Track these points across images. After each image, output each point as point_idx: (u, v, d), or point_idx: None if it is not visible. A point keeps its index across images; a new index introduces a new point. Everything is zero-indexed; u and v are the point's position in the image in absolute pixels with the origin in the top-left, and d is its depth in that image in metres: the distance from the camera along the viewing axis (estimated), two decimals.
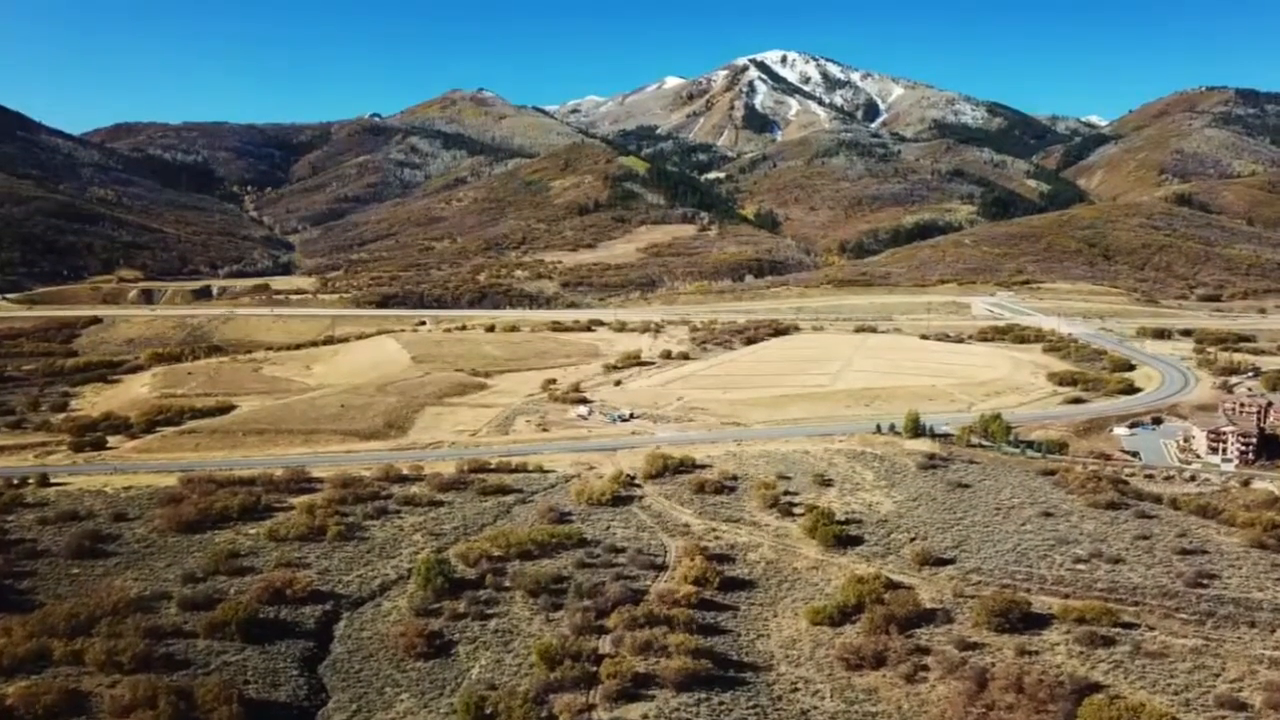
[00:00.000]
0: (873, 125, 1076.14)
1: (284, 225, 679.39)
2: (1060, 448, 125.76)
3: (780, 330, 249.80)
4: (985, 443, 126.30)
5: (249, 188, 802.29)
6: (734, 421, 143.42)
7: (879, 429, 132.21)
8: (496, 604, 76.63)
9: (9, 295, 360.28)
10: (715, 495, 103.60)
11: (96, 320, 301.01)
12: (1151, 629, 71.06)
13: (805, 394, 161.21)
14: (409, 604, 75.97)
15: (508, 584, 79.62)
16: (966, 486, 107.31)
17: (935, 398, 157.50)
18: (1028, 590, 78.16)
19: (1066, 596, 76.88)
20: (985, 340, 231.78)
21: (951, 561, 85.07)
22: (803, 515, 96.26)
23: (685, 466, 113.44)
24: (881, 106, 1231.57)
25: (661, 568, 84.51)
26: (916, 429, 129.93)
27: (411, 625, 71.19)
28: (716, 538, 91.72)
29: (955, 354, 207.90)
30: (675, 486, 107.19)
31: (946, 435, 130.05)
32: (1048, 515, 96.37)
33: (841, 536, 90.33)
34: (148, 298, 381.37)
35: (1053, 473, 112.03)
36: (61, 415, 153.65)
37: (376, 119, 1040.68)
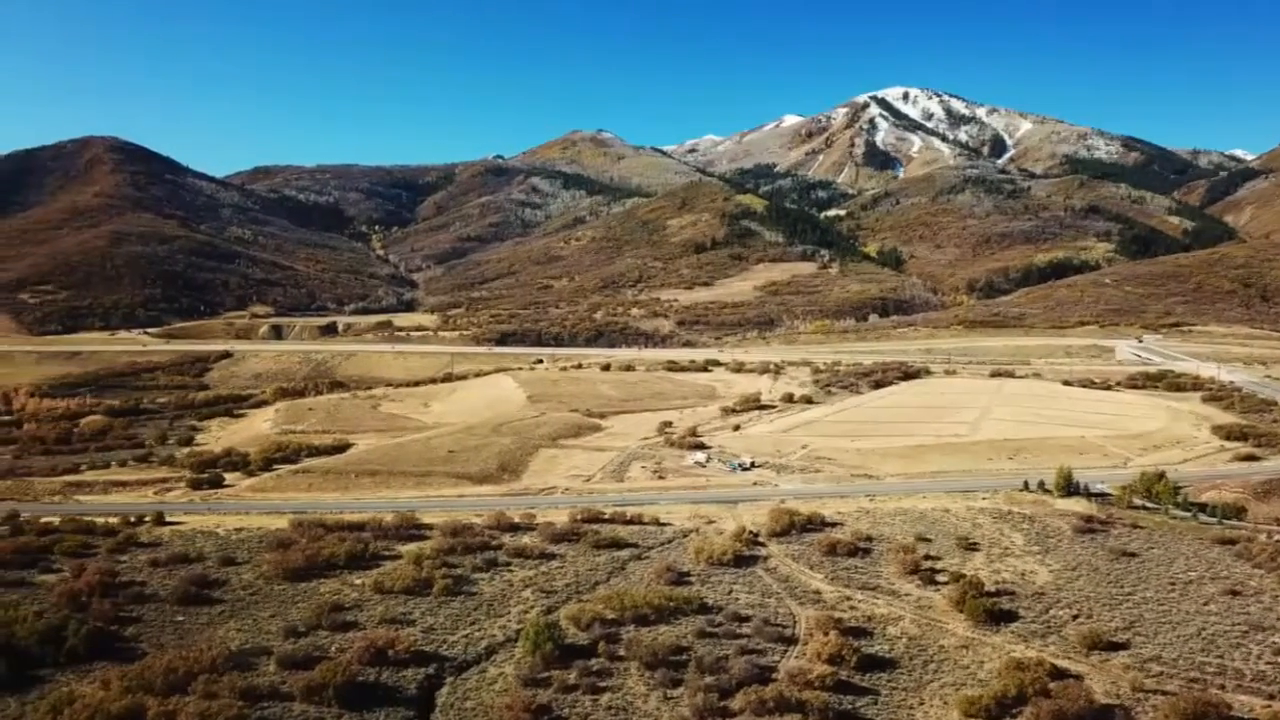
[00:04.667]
0: (999, 161, 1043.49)
1: (409, 263, 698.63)
2: (1238, 512, 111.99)
3: (910, 373, 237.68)
4: (1149, 504, 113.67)
5: (376, 227, 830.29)
6: (864, 473, 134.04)
7: (1026, 486, 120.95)
8: (610, 675, 70.01)
9: (149, 330, 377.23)
10: (848, 558, 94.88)
11: (227, 354, 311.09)
12: None
13: (941, 444, 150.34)
14: (516, 671, 70.07)
15: (622, 653, 72.98)
16: (1132, 555, 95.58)
17: (1086, 451, 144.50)
18: (1222, 687, 67.03)
19: (1272, 697, 65.52)
20: (1135, 387, 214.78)
21: (1124, 646, 74.35)
22: (947, 584, 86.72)
23: (813, 524, 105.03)
24: (1009, 142, 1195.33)
25: (791, 640, 76.46)
26: (1069, 487, 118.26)
27: (518, 697, 65.21)
28: (851, 607, 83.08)
29: (1104, 402, 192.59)
30: (803, 546, 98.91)
31: (1103, 495, 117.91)
32: (1234, 594, 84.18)
33: (993, 611, 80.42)
34: (277, 333, 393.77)
35: (1233, 542, 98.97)
36: (186, 450, 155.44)
37: (499, 160, 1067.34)
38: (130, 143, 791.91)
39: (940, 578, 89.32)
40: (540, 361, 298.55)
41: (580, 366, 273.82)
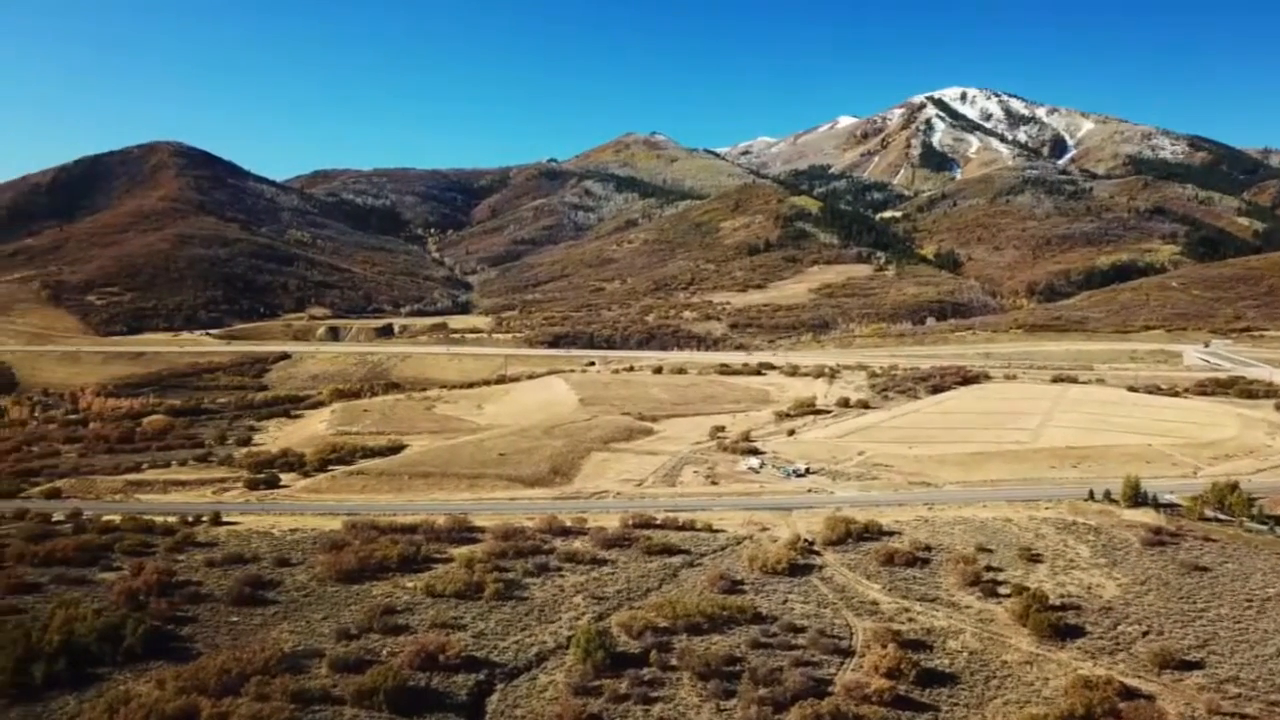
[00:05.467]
0: (1060, 162, 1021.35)
1: (463, 266, 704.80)
2: None
3: (968, 378, 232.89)
4: (1222, 516, 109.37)
5: (432, 230, 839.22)
6: (922, 481, 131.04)
7: (1091, 495, 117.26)
8: (662, 685, 68.75)
9: (211, 331, 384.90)
10: (906, 568, 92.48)
11: (286, 356, 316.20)
12: None
13: (1002, 451, 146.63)
14: (567, 679, 69.19)
15: (674, 662, 71.68)
16: (1205, 570, 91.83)
17: (1153, 460, 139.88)
18: None
19: None
20: (1204, 394, 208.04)
21: (1199, 665, 71.21)
22: (1010, 597, 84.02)
23: (870, 532, 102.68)
24: (1070, 142, 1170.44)
25: (847, 653, 74.53)
26: (1136, 497, 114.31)
27: (569, 706, 64.26)
28: (910, 619, 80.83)
29: (1171, 409, 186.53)
30: (859, 555, 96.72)
31: (1172, 506, 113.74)
32: None
33: (1058, 625, 77.63)
34: (334, 334, 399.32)
35: None
36: (244, 450, 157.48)
37: (553, 163, 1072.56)
38: (194, 147, 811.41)
39: (1002, 590, 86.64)
40: (592, 364, 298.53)
41: (632, 369, 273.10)
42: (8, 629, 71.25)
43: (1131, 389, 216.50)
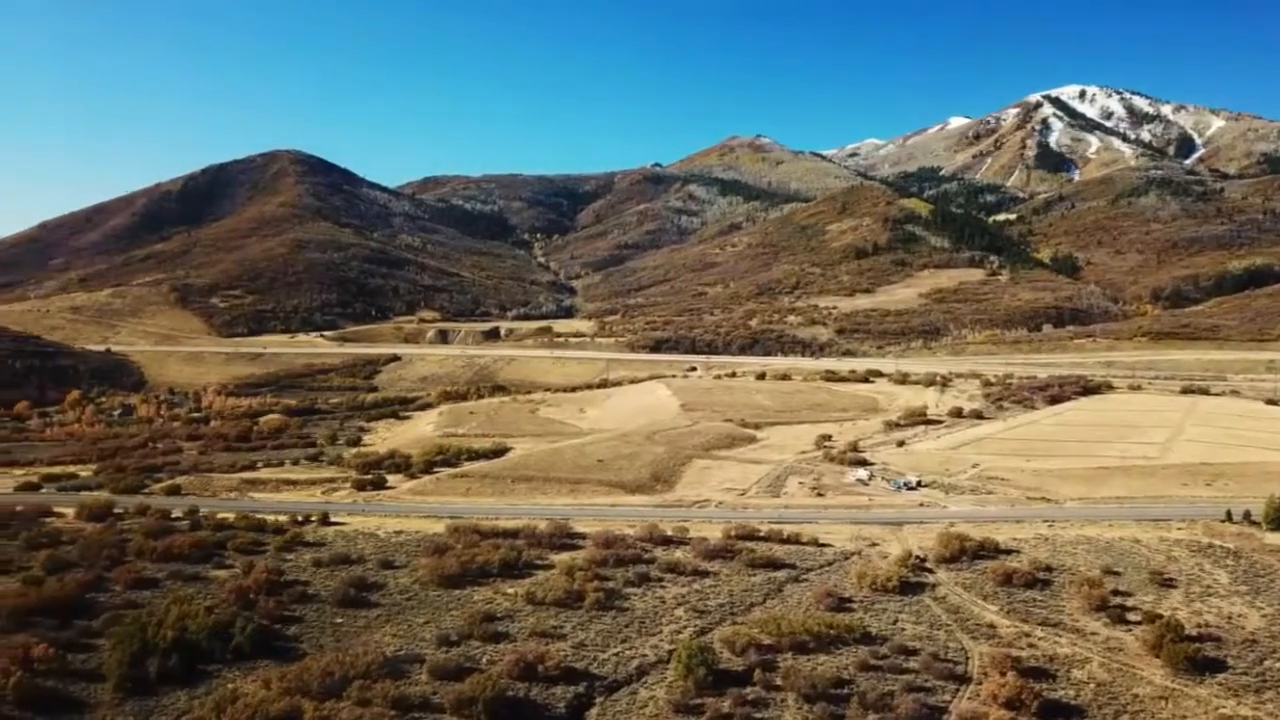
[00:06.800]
0: (1187, 161, 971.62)
1: (568, 270, 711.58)
2: None
3: (1089, 388, 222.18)
4: None
5: (538, 235, 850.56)
6: (1041, 497, 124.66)
7: (1229, 516, 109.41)
8: (766, 706, 66.17)
9: (326, 333, 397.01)
10: (1025, 589, 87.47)
11: (396, 358, 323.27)
12: None
13: (1127, 467, 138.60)
14: (668, 696, 67.23)
15: (779, 682, 68.96)
16: None
17: None
18: None
19: None
20: None
21: None
22: (1140, 624, 78.43)
23: (986, 550, 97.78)
24: (1197, 141, 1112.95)
25: (962, 679, 70.53)
26: (1279, 519, 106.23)
27: None
28: (1030, 645, 76.17)
29: None
30: (975, 575, 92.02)
31: None
32: None
33: (1195, 658, 71.92)
34: (443, 337, 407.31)
35: None
36: (353, 450, 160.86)
37: (657, 168, 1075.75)
38: (312, 155, 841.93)
39: (1132, 616, 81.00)
40: (694, 369, 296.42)
41: (734, 375, 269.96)
42: (125, 623, 73.18)
43: (1271, 402, 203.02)
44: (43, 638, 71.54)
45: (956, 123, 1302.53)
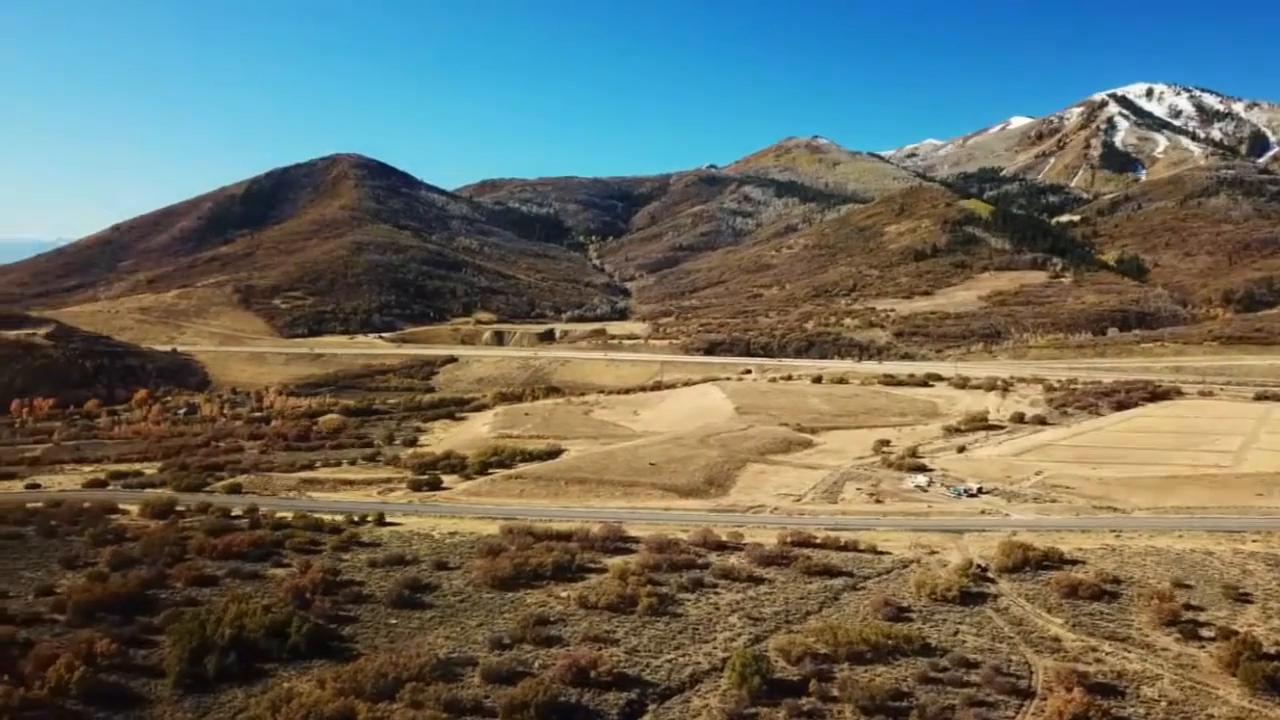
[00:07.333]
0: (1261, 160, 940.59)
1: (622, 272, 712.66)
2: None
3: (1157, 394, 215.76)
4: None
5: (593, 237, 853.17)
6: (1107, 506, 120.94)
7: None
8: (822, 718, 64.67)
9: (384, 334, 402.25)
10: (1091, 602, 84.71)
11: (452, 359, 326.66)
12: None
13: (1198, 476, 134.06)
14: (721, 705, 66.11)
15: (835, 693, 67.47)
16: None
17: None
18: None
19: None
20: None
21: None
22: (1214, 641, 75.44)
23: (1050, 560, 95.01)
24: (1271, 139, 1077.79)
25: (1026, 694, 68.35)
26: None
27: None
28: (1097, 660, 73.64)
29: None
30: (1038, 585, 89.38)
31: None
32: None
33: (1275, 678, 68.79)
34: (499, 338, 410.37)
35: None
36: (410, 451, 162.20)
37: (712, 169, 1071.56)
38: (372, 159, 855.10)
39: (1205, 632, 77.95)
40: (748, 372, 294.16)
41: (790, 378, 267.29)
42: (185, 621, 74.12)
43: None
44: (106, 633, 72.93)
45: (1018, 122, 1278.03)
